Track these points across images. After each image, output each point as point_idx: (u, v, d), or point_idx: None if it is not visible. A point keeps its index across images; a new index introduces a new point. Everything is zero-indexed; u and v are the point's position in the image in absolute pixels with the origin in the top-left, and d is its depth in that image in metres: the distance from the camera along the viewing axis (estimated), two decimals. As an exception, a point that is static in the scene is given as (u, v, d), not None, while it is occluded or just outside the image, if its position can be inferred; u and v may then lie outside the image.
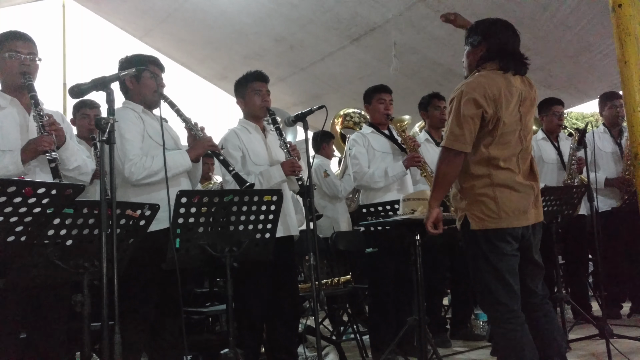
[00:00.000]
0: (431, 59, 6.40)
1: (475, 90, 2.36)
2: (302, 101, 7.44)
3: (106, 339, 1.89)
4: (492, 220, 2.36)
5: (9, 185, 1.77)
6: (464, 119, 2.35)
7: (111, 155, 2.02)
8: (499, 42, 2.47)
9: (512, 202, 2.38)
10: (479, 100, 2.34)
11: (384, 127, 3.99)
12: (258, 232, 2.71)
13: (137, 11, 6.90)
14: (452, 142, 2.38)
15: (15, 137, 2.50)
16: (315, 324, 2.70)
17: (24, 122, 2.56)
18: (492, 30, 2.51)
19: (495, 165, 2.39)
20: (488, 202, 2.37)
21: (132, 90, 2.92)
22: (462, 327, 4.29)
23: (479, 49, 2.51)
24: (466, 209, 2.43)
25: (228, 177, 3.19)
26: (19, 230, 1.94)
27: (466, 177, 2.44)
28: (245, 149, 3.26)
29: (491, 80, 2.39)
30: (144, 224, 2.43)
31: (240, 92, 3.39)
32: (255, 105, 3.33)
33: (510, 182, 2.39)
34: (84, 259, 2.24)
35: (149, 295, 2.76)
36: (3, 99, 2.57)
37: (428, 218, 2.50)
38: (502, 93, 2.37)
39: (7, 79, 2.60)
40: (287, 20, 6.29)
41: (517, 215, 2.38)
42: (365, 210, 3.54)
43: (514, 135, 2.42)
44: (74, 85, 2.09)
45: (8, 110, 2.56)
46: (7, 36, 2.59)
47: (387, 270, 3.70)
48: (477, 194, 2.39)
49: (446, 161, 2.41)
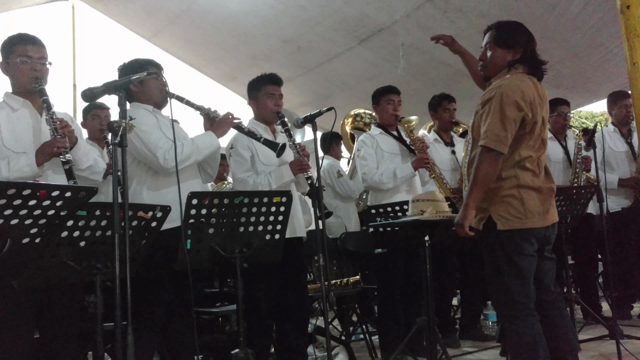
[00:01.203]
0: (439, 59, 6.38)
1: (516, 93, 2.39)
2: (310, 102, 7.45)
3: (119, 339, 1.92)
4: (519, 220, 2.40)
5: (24, 189, 1.80)
6: (508, 121, 2.37)
7: (123, 157, 2.04)
8: (532, 49, 2.52)
9: (536, 202, 2.43)
10: (520, 104, 2.38)
11: (392, 128, 4.00)
12: (268, 233, 2.73)
13: (146, 12, 6.93)
14: (495, 143, 2.38)
15: (28, 139, 2.54)
16: (324, 324, 2.71)
17: (36, 124, 2.60)
18: (522, 35, 2.55)
19: (521, 167, 2.44)
20: (514, 203, 2.41)
21: (137, 93, 2.93)
22: (471, 327, 4.29)
23: (512, 52, 2.53)
24: (491, 209, 2.45)
25: (239, 176, 3.21)
26: (33, 232, 1.97)
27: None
28: (255, 149, 3.27)
29: (525, 84, 2.44)
30: (155, 225, 2.45)
31: (253, 93, 3.39)
32: (267, 108, 3.33)
33: (534, 184, 2.44)
34: (97, 260, 2.26)
35: (160, 296, 2.78)
36: (15, 102, 2.61)
37: (466, 218, 2.45)
38: (535, 97, 2.43)
39: (18, 83, 2.63)
40: (295, 21, 6.31)
41: (540, 215, 2.44)
42: (374, 211, 3.56)
43: (539, 138, 2.48)
44: (86, 89, 2.11)
45: (21, 112, 2.60)
46: (18, 40, 2.62)
47: (396, 271, 3.72)
48: (504, 195, 2.43)
49: (488, 161, 2.41)
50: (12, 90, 2.66)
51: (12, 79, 2.64)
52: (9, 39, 2.63)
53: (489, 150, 2.39)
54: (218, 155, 3.11)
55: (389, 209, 3.49)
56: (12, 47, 2.60)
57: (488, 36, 2.62)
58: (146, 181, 2.85)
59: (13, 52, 2.59)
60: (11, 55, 2.59)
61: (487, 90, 2.50)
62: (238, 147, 3.27)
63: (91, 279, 2.27)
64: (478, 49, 2.72)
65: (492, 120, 2.39)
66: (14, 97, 2.62)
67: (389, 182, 3.77)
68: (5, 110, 2.56)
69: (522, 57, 2.51)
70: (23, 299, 2.28)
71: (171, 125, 2.73)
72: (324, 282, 2.78)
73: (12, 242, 1.91)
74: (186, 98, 2.90)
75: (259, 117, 3.40)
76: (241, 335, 2.60)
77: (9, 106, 2.59)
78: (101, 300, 2.23)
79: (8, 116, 2.55)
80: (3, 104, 2.60)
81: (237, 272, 2.65)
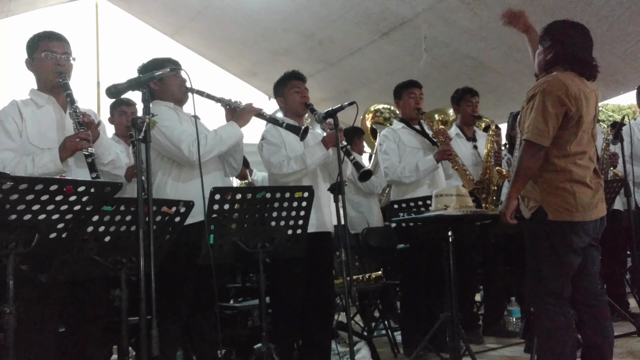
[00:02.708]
0: (462, 52, 6.31)
1: (559, 88, 2.44)
2: (331, 97, 7.44)
3: (144, 333, 1.94)
4: (570, 213, 2.45)
5: (51, 184, 1.82)
6: (549, 115, 2.44)
7: (147, 153, 2.06)
8: (566, 47, 2.54)
9: (587, 197, 2.48)
10: (563, 98, 2.43)
11: (415, 123, 3.96)
12: (290, 228, 2.73)
13: (168, 10, 6.99)
14: (537, 137, 2.46)
15: (53, 136, 2.57)
16: (346, 319, 2.71)
17: (60, 121, 2.63)
18: (562, 33, 2.58)
19: (574, 162, 2.50)
20: (567, 196, 2.47)
21: (157, 90, 2.95)
22: (494, 323, 4.24)
23: (548, 51, 2.59)
24: (542, 200, 2.50)
25: (273, 161, 3.20)
26: (60, 227, 1.99)
27: (546, 170, 2.52)
28: (283, 141, 3.28)
29: (570, 80, 2.48)
30: (179, 220, 2.47)
31: (279, 91, 3.41)
32: (295, 101, 3.35)
33: (585, 179, 2.49)
34: (122, 255, 2.30)
35: (182, 290, 2.80)
36: (40, 98, 2.64)
37: (507, 209, 2.55)
38: (581, 92, 2.47)
39: (43, 78, 2.66)
40: (316, 15, 6.29)
41: (590, 209, 2.48)
42: (396, 205, 3.53)
43: (588, 134, 2.53)
44: (111, 85, 2.13)
45: (45, 108, 2.63)
46: (42, 36, 2.65)
47: (418, 266, 3.70)
48: (557, 187, 2.48)
49: (529, 154, 2.49)
50: (37, 86, 2.69)
51: (37, 75, 2.68)
52: (34, 36, 2.67)
53: (532, 144, 2.47)
54: (241, 146, 3.12)
55: (411, 204, 3.46)
56: (37, 43, 2.63)
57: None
58: (171, 173, 2.87)
59: (38, 47, 2.62)
60: (36, 50, 2.62)
61: (533, 86, 2.55)
62: (268, 137, 3.29)
63: (116, 273, 2.30)
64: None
65: (534, 114, 2.47)
66: (38, 93, 2.65)
67: (411, 175, 3.74)
68: (31, 107, 2.59)
69: (556, 58, 2.55)
70: (50, 293, 2.32)
71: (193, 121, 2.74)
72: (346, 278, 2.78)
73: (40, 237, 1.93)
74: (206, 92, 2.92)
75: (288, 112, 3.40)
76: (263, 330, 2.60)
77: (34, 102, 2.62)
78: (126, 294, 2.26)
79: (33, 112, 2.58)
80: (28, 100, 2.64)
81: (259, 267, 2.66)
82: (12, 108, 2.56)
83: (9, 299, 1.85)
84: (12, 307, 1.84)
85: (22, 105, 2.58)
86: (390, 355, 3.79)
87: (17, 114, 2.54)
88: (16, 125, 2.51)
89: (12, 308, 1.84)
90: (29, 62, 2.67)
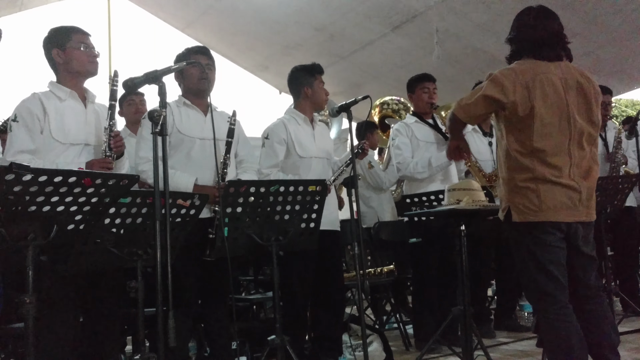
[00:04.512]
0: (474, 46, 6.28)
1: (505, 75, 2.34)
2: (343, 90, 7.43)
3: (161, 324, 1.96)
4: (534, 213, 2.31)
5: (70, 176, 1.85)
6: (481, 95, 2.37)
7: (164, 146, 2.07)
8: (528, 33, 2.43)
9: (555, 196, 2.30)
10: (506, 85, 2.31)
11: (428, 117, 3.95)
12: (303, 222, 2.74)
13: (179, 4, 7.01)
14: (458, 110, 2.47)
15: (75, 131, 2.57)
16: (359, 312, 2.72)
17: (82, 116, 2.62)
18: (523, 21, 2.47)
19: (540, 159, 2.32)
20: (530, 195, 2.32)
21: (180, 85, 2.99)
22: (506, 318, 4.24)
23: (511, 44, 2.50)
24: (509, 199, 2.40)
25: (264, 170, 3.21)
26: (78, 219, 2.02)
27: (510, 168, 2.40)
28: (292, 140, 3.28)
29: (527, 67, 2.36)
30: (193, 213, 2.49)
31: (308, 81, 3.41)
32: (321, 97, 3.42)
33: (554, 178, 2.31)
34: (137, 247, 2.32)
35: (191, 283, 2.82)
36: (62, 91, 2.61)
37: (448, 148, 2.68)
38: (536, 80, 2.32)
39: (76, 69, 2.63)
40: (327, 9, 6.28)
41: (560, 210, 2.31)
42: (409, 200, 3.53)
43: (556, 126, 2.33)
44: (127, 79, 2.15)
45: (67, 102, 2.61)
46: (75, 29, 2.65)
47: (430, 260, 3.70)
48: (520, 187, 2.35)
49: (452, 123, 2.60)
50: (59, 79, 2.66)
51: (66, 66, 2.62)
52: (63, 28, 2.65)
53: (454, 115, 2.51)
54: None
55: (424, 198, 3.46)
56: (69, 34, 2.61)
57: None
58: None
59: (70, 39, 2.61)
60: (68, 42, 2.60)
61: None
62: (274, 139, 3.27)
63: (132, 264, 2.32)
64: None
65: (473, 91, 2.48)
66: (60, 86, 2.63)
67: (424, 171, 3.73)
68: (53, 101, 2.57)
69: (520, 50, 2.44)
70: (68, 284, 2.34)
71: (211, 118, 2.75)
72: (359, 271, 2.79)
73: (58, 228, 1.96)
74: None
75: (311, 103, 3.41)
76: (277, 322, 2.62)
77: (55, 96, 2.59)
78: (142, 285, 2.28)
79: (56, 107, 2.56)
80: (49, 93, 2.60)
81: (273, 260, 2.67)
82: (34, 102, 2.53)
83: (28, 289, 1.87)
84: (31, 297, 1.87)
85: (44, 98, 2.55)
86: (402, 349, 3.80)
87: (40, 108, 2.51)
88: (39, 122, 2.49)
89: (31, 298, 1.87)
90: (57, 53, 2.61)
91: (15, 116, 2.48)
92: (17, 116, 2.48)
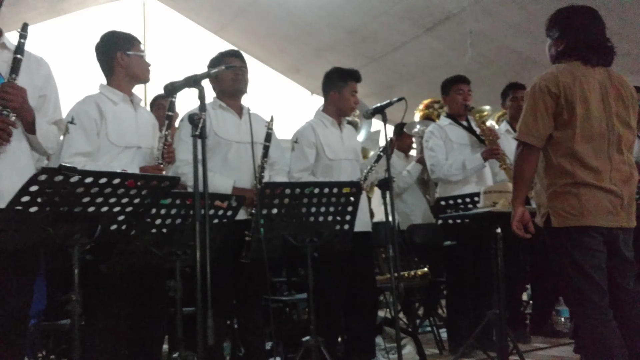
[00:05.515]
0: (508, 47, 6.20)
1: (548, 79, 2.31)
2: (374, 92, 7.41)
3: (200, 323, 1.99)
4: (575, 217, 2.28)
5: (115, 178, 1.90)
6: (539, 111, 2.30)
7: (203, 148, 2.11)
8: (578, 35, 2.38)
9: (597, 200, 2.27)
10: (553, 90, 2.28)
11: (462, 119, 3.93)
12: (337, 224, 2.75)
13: (213, 7, 7.10)
14: (525, 136, 2.33)
15: (130, 134, 2.61)
16: (393, 315, 2.72)
17: (133, 118, 2.67)
18: (570, 21, 2.42)
19: (581, 163, 2.29)
20: (571, 200, 2.29)
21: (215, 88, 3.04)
22: (542, 323, 4.18)
23: (557, 44, 2.44)
24: (548, 205, 2.36)
25: (294, 174, 3.24)
26: (120, 220, 2.07)
27: (549, 173, 2.37)
28: (320, 143, 3.30)
29: (565, 69, 2.33)
30: (230, 214, 2.53)
31: (337, 85, 3.40)
32: (350, 104, 3.39)
33: (595, 182, 2.28)
34: (176, 247, 2.36)
35: (230, 283, 2.86)
36: (115, 95, 2.64)
37: (513, 217, 2.44)
38: (577, 82, 2.29)
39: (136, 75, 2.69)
40: (359, 11, 6.28)
41: (602, 214, 2.27)
42: (443, 202, 3.52)
43: (596, 130, 2.30)
44: (168, 83, 2.20)
45: (121, 106, 2.64)
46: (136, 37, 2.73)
47: (465, 263, 3.67)
48: (560, 192, 2.32)
49: (521, 156, 2.37)
50: (110, 82, 2.69)
51: (127, 70, 2.66)
52: (125, 34, 2.71)
53: (521, 144, 2.35)
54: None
55: (458, 201, 3.44)
56: (132, 41, 2.68)
57: None
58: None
59: (133, 45, 2.68)
60: (132, 47, 2.66)
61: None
62: (303, 143, 3.29)
63: (171, 264, 2.37)
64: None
65: (524, 112, 2.35)
66: (113, 90, 2.66)
67: (458, 173, 3.71)
68: (108, 104, 2.60)
69: (567, 49, 2.39)
70: (114, 283, 2.39)
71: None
72: (393, 273, 2.78)
73: (102, 229, 2.01)
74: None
75: (337, 108, 3.41)
76: (312, 322, 2.64)
77: (109, 99, 2.63)
78: (180, 285, 2.33)
79: (112, 110, 2.60)
80: (102, 96, 2.63)
81: (307, 261, 2.69)
82: (91, 105, 2.56)
83: (74, 287, 1.93)
84: (77, 295, 1.92)
85: (99, 101, 2.59)
86: (435, 352, 3.78)
87: (97, 111, 2.55)
88: (96, 125, 2.53)
89: (77, 296, 1.92)
90: (121, 56, 2.64)
91: (72, 118, 2.51)
92: (75, 118, 2.51)
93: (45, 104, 2.36)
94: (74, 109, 2.58)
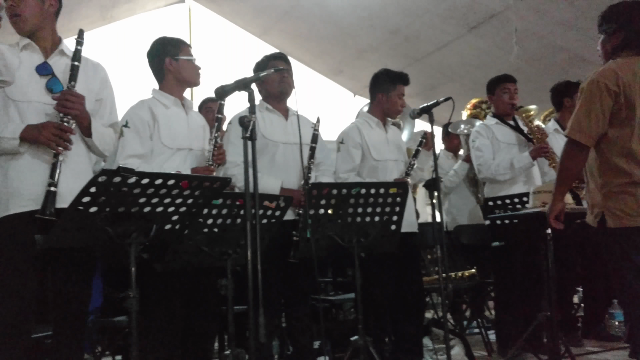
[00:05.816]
0: (556, 44, 6.06)
1: (607, 77, 2.24)
2: (418, 93, 7.36)
3: (252, 320, 2.03)
4: (632, 218, 2.23)
5: (170, 179, 1.96)
6: (593, 109, 2.25)
7: (253, 150, 2.15)
8: (637, 28, 2.32)
9: None
10: (611, 87, 2.22)
11: (509, 118, 3.87)
12: (384, 224, 2.76)
13: (256, 11, 7.19)
14: (576, 134, 2.27)
15: (181, 137, 2.69)
16: (442, 316, 2.70)
17: (184, 121, 2.75)
18: (629, 15, 2.35)
19: (638, 162, 2.24)
20: (628, 200, 2.24)
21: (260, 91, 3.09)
22: (595, 326, 4.06)
23: (614, 38, 2.37)
24: (603, 205, 2.31)
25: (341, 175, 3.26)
26: (174, 219, 2.14)
27: (604, 173, 2.32)
28: (366, 144, 3.31)
29: (625, 65, 2.26)
30: (278, 214, 2.57)
31: (385, 87, 3.43)
32: (394, 108, 3.43)
33: None
34: (227, 246, 2.42)
35: (278, 282, 2.90)
36: (166, 99, 2.73)
37: (551, 211, 2.43)
38: (637, 79, 2.23)
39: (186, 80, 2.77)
40: (402, 11, 6.25)
41: None
42: (491, 203, 3.47)
43: None
44: (218, 87, 2.25)
45: (172, 110, 2.73)
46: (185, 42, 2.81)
47: (514, 265, 3.61)
48: (616, 191, 2.27)
49: (569, 154, 2.33)
50: (162, 87, 2.77)
51: (176, 75, 2.74)
52: (173, 39, 2.80)
53: (571, 142, 2.29)
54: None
55: (507, 201, 3.39)
56: (180, 46, 2.76)
57: None
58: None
59: (181, 50, 2.75)
60: (180, 52, 2.74)
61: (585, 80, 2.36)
62: (349, 144, 3.31)
63: (222, 263, 2.43)
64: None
65: (577, 109, 2.29)
66: (164, 94, 2.74)
67: (506, 173, 3.65)
68: (160, 108, 2.70)
69: (626, 42, 2.32)
70: (169, 282, 2.47)
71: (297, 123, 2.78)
72: (441, 274, 2.77)
73: (157, 228, 2.08)
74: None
75: (383, 110, 3.43)
76: (360, 322, 2.65)
77: (161, 103, 2.72)
78: (232, 283, 2.38)
79: (164, 113, 2.69)
80: (154, 100, 2.73)
81: (354, 262, 2.70)
82: (144, 109, 2.66)
83: (131, 285, 2.00)
84: (134, 292, 1.99)
85: (152, 105, 2.69)
86: (484, 354, 3.73)
87: (150, 115, 2.64)
88: (148, 128, 2.62)
89: (134, 292, 1.99)
90: (170, 62, 2.72)
91: (126, 122, 2.61)
92: (129, 122, 2.61)
93: (102, 108, 2.47)
94: (128, 113, 2.68)
